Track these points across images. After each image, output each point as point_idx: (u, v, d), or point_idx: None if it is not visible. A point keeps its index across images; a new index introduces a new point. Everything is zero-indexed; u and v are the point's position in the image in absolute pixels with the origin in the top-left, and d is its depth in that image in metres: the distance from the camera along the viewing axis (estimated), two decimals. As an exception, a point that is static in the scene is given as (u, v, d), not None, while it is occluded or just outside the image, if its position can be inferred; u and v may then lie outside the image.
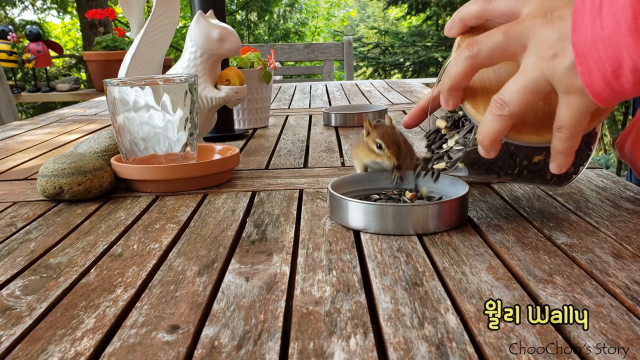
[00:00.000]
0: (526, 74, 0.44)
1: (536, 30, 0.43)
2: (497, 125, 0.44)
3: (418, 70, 6.66)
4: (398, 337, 0.36)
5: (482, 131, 0.45)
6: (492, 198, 0.66)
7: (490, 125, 0.45)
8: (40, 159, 1.01)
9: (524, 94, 0.43)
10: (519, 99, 0.44)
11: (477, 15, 0.48)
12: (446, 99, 0.47)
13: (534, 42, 0.43)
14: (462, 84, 0.47)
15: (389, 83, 2.31)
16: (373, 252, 0.50)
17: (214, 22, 0.93)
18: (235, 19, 8.35)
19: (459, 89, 0.47)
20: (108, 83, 0.73)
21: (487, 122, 0.45)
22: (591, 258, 0.48)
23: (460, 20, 0.50)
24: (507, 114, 0.44)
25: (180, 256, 0.51)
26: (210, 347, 0.36)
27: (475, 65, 0.45)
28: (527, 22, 0.44)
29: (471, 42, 0.45)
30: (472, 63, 0.45)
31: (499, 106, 0.44)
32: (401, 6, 7.10)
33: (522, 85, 0.43)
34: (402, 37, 7.11)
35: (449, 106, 0.48)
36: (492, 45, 0.44)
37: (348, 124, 1.24)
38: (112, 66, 2.70)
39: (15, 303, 0.43)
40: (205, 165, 0.75)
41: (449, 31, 0.51)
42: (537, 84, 0.43)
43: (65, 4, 8.38)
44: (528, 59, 0.44)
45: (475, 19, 0.49)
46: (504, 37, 0.44)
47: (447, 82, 0.47)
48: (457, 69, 0.46)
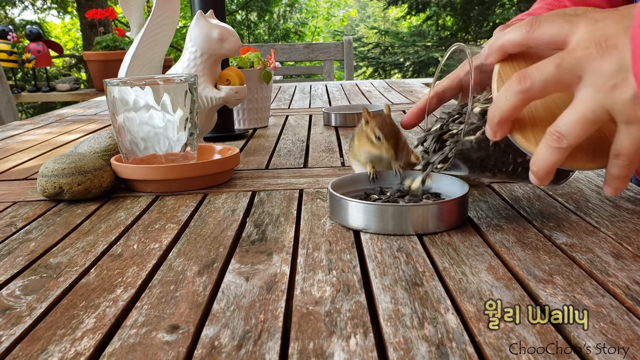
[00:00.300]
0: (583, 105, 0.42)
1: (591, 61, 0.42)
2: (554, 157, 0.43)
3: (418, 70, 6.67)
4: (398, 337, 0.36)
5: (538, 162, 0.44)
6: (492, 198, 0.66)
7: (546, 157, 0.44)
8: (40, 159, 1.01)
9: (582, 126, 0.42)
10: (577, 130, 0.42)
11: (519, 44, 0.47)
12: (494, 131, 0.46)
13: (589, 73, 0.42)
14: (512, 117, 0.45)
15: (389, 83, 2.31)
16: (373, 252, 0.50)
17: (214, 22, 0.93)
18: (235, 19, 8.35)
19: (508, 121, 0.46)
20: (108, 83, 0.73)
21: (543, 154, 0.44)
22: (591, 258, 0.48)
23: (500, 48, 0.48)
24: (566, 146, 0.43)
25: (180, 256, 0.51)
26: (210, 347, 0.36)
27: (527, 99, 0.44)
28: (579, 52, 0.42)
29: (522, 75, 0.43)
30: (525, 97, 0.44)
31: (556, 139, 0.43)
32: (401, 6, 7.10)
33: (579, 117, 0.42)
34: (402, 37, 7.11)
35: (497, 137, 0.46)
36: (545, 79, 0.43)
37: (348, 124, 1.24)
38: (112, 66, 2.70)
39: (15, 303, 0.43)
40: (205, 165, 0.75)
41: (487, 58, 0.49)
42: (595, 115, 0.42)
43: (65, 4, 8.38)
44: (584, 90, 0.42)
45: (517, 48, 0.47)
46: (557, 69, 0.42)
47: (496, 115, 0.45)
48: (509, 102, 0.44)
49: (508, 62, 0.48)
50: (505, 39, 0.47)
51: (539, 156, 0.44)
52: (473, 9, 6.69)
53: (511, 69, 0.48)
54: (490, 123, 0.46)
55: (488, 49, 0.48)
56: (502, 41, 0.47)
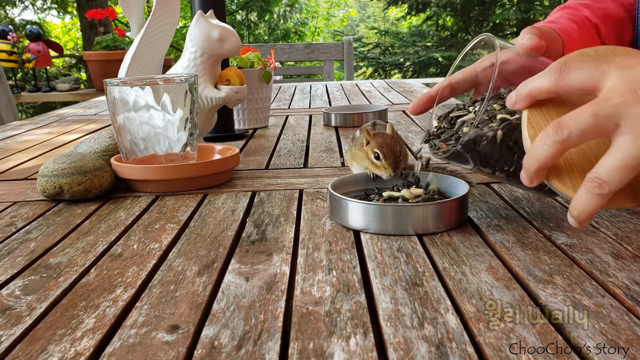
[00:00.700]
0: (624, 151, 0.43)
1: (627, 108, 0.42)
2: (596, 203, 0.44)
3: (418, 70, 6.67)
4: (398, 337, 0.36)
5: (578, 207, 0.45)
6: (492, 198, 0.66)
7: (587, 202, 0.44)
8: (40, 159, 1.01)
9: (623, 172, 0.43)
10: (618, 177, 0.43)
11: (549, 91, 0.47)
12: (531, 178, 0.47)
13: (627, 121, 0.42)
14: (549, 166, 0.46)
15: (389, 83, 2.31)
16: (373, 252, 0.50)
17: (214, 22, 0.93)
18: (235, 19, 8.35)
19: (545, 169, 0.46)
20: (108, 83, 0.73)
21: (583, 199, 0.44)
22: (591, 258, 0.48)
23: (528, 95, 0.48)
24: (607, 192, 0.43)
25: (180, 256, 0.51)
26: (210, 347, 0.36)
27: (564, 149, 0.45)
28: (615, 100, 0.42)
29: (559, 125, 0.44)
30: (562, 147, 0.44)
31: (597, 185, 0.43)
32: (401, 6, 7.10)
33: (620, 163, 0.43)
34: (402, 37, 7.11)
35: (533, 184, 0.47)
36: (583, 128, 0.43)
37: (348, 124, 1.24)
38: (112, 66, 2.70)
39: (15, 303, 0.43)
40: (205, 165, 0.75)
41: (514, 104, 0.49)
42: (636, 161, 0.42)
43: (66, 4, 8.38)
44: (622, 137, 0.43)
45: (546, 95, 0.47)
46: (594, 119, 0.43)
47: (534, 164, 0.46)
48: (546, 152, 0.44)
49: (536, 107, 0.48)
50: (533, 87, 0.48)
51: (580, 201, 0.45)
52: (473, 9, 6.69)
53: (540, 114, 0.48)
54: (527, 171, 0.47)
55: (516, 95, 0.49)
56: (530, 89, 0.48)
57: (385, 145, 0.61)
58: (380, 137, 0.62)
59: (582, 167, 0.46)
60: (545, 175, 0.47)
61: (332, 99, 1.86)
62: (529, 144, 0.46)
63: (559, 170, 0.47)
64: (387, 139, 0.62)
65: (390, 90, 2.02)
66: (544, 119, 0.47)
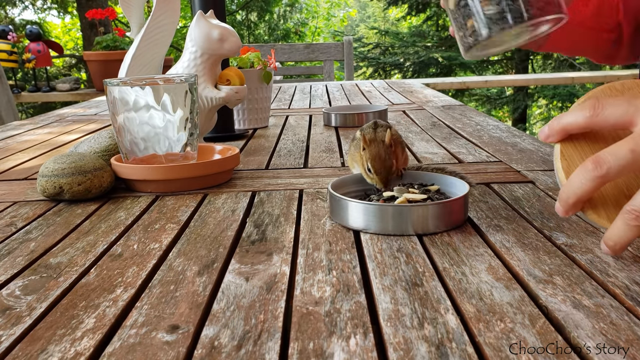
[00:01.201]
0: None
1: None
2: (632, 234, 0.45)
3: (418, 71, 6.67)
4: (398, 337, 0.36)
5: (614, 238, 0.46)
6: (492, 198, 0.66)
7: (624, 233, 0.46)
8: (40, 158, 1.01)
9: None
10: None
11: (583, 127, 0.48)
12: (566, 210, 0.48)
13: None
14: (585, 199, 0.47)
15: (389, 83, 2.31)
16: (373, 252, 0.50)
17: (214, 22, 0.93)
18: (236, 19, 8.35)
19: (582, 202, 0.48)
20: (108, 83, 0.73)
21: (620, 230, 0.46)
22: (591, 258, 0.48)
23: (562, 130, 0.49)
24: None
25: (180, 256, 0.51)
26: (210, 347, 0.36)
27: (602, 183, 0.46)
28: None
29: (598, 161, 0.45)
30: (601, 182, 0.45)
31: (634, 217, 0.44)
32: (401, 6, 7.10)
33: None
34: (402, 38, 7.11)
35: (568, 215, 0.49)
36: (621, 164, 0.44)
37: (348, 124, 1.24)
38: (112, 66, 2.70)
39: (15, 303, 0.43)
40: (205, 165, 0.75)
41: (547, 138, 0.50)
42: None
43: (66, 4, 8.38)
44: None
45: (579, 130, 0.49)
46: (632, 155, 0.44)
47: (571, 197, 0.47)
48: (584, 187, 0.46)
49: (568, 141, 0.50)
50: (567, 122, 0.49)
51: (616, 232, 0.46)
52: (473, 9, 6.67)
53: (572, 148, 0.50)
54: (564, 204, 0.48)
55: (549, 129, 0.50)
56: (565, 124, 0.49)
57: (379, 158, 0.60)
58: (375, 147, 0.61)
59: (615, 199, 0.48)
60: (581, 206, 0.48)
61: (332, 99, 1.86)
62: (563, 177, 0.49)
63: (594, 202, 0.48)
64: (382, 151, 0.60)
65: (390, 91, 2.02)
66: (577, 153, 0.49)
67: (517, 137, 1.03)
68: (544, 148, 0.92)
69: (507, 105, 6.90)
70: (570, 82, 5.34)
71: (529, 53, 6.52)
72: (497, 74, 6.93)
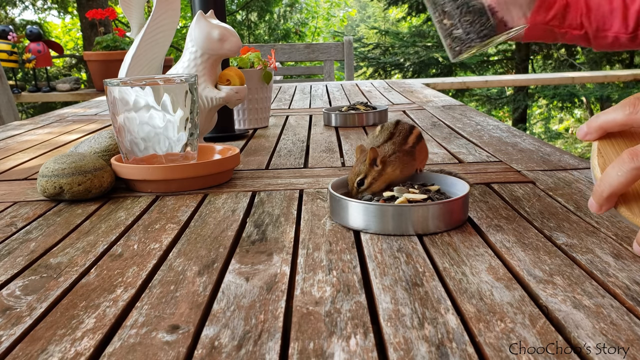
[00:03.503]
0: None
1: None
2: None
3: (418, 71, 6.66)
4: (398, 337, 0.36)
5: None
6: (492, 198, 0.66)
7: None
8: (40, 159, 1.01)
9: None
10: None
11: (622, 124, 0.48)
12: (600, 204, 0.48)
13: None
14: (621, 192, 0.47)
15: (389, 83, 2.31)
16: (373, 252, 0.50)
17: (214, 22, 0.93)
18: (236, 19, 8.34)
19: (616, 196, 0.48)
20: (108, 83, 0.73)
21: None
22: (591, 258, 0.48)
23: (600, 127, 0.49)
24: None
25: (181, 256, 0.51)
26: (210, 347, 0.36)
27: (638, 176, 0.46)
28: None
29: (635, 153, 0.45)
30: (637, 174, 0.45)
31: None
32: (401, 6, 7.10)
33: None
34: (403, 38, 7.11)
35: (601, 211, 0.48)
36: None
37: (348, 124, 1.24)
38: (113, 66, 2.71)
39: (15, 303, 0.43)
40: (205, 165, 0.75)
41: (586, 136, 0.51)
42: None
43: (66, 4, 8.38)
44: None
45: (619, 127, 0.49)
46: None
47: (606, 189, 0.47)
48: (621, 179, 0.46)
49: (606, 139, 0.50)
50: (606, 119, 0.49)
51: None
52: (473, 9, 6.67)
53: (610, 145, 0.50)
54: (598, 198, 0.48)
55: (587, 127, 0.50)
56: (603, 121, 0.49)
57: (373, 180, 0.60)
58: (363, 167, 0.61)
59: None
60: (615, 202, 0.48)
61: (333, 99, 1.86)
62: (598, 172, 0.48)
63: (628, 198, 0.48)
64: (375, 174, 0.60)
65: (390, 91, 2.02)
66: (614, 150, 0.49)
67: (517, 137, 1.03)
68: (544, 148, 0.92)
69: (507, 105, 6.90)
70: (570, 82, 5.34)
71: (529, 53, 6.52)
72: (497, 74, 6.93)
